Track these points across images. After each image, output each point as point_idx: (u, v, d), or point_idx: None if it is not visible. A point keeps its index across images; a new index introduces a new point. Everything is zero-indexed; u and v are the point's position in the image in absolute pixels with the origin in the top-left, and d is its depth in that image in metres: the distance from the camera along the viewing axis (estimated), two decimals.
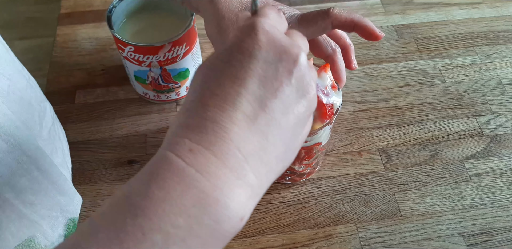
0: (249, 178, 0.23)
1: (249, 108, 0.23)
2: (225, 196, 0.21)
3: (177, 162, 0.21)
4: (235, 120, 0.23)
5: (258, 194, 0.24)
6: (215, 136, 0.22)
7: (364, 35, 0.37)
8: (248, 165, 0.23)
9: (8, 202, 0.33)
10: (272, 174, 0.25)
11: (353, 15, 0.36)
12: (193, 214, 0.20)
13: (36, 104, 0.40)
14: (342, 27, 0.36)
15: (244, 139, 0.23)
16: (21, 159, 0.33)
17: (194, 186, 0.21)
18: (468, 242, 0.43)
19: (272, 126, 0.24)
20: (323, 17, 0.36)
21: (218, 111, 0.23)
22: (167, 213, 0.20)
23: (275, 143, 0.24)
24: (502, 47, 0.59)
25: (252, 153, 0.23)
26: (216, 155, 0.22)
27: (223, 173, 0.22)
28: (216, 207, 0.21)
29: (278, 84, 0.24)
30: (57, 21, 0.63)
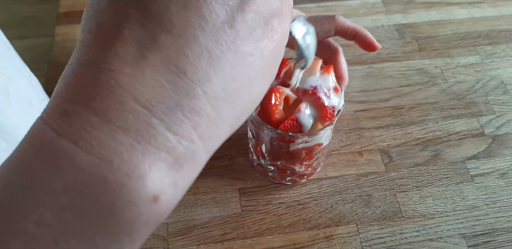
0: (161, 137, 0.15)
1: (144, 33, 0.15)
2: (117, 171, 0.15)
3: (44, 132, 0.15)
4: (125, 57, 0.15)
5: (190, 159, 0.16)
6: (96, 86, 0.15)
7: (363, 44, 0.39)
8: (156, 119, 0.15)
9: None
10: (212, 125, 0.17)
11: (355, 24, 0.38)
12: (66, 205, 0.14)
13: (37, 103, 0.40)
14: (343, 33, 0.38)
15: (144, 81, 0.15)
16: None
17: (67, 164, 0.15)
18: (470, 243, 0.43)
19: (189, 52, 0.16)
20: (329, 22, 0.38)
21: (99, 50, 0.16)
22: (29, 207, 0.14)
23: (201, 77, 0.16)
24: (504, 47, 0.59)
25: (161, 100, 0.15)
26: (99, 113, 0.15)
27: (112, 137, 0.15)
28: (104, 189, 0.15)
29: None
30: (56, 21, 0.62)
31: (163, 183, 0.15)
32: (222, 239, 0.43)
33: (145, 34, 0.15)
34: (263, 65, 0.18)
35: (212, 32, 0.16)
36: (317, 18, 0.38)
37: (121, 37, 0.15)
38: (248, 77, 0.17)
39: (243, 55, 0.17)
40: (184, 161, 0.16)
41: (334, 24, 0.38)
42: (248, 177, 0.47)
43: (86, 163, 0.15)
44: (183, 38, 0.15)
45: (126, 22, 0.15)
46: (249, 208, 0.45)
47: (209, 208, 0.45)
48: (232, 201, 0.46)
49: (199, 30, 0.16)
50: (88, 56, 0.16)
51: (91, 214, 0.15)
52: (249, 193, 0.46)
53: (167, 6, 0.15)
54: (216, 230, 0.44)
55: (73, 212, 0.15)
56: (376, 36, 0.60)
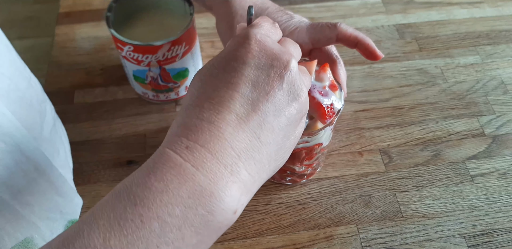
0: (242, 174, 0.25)
1: (242, 110, 0.25)
2: (219, 190, 0.23)
3: (175, 158, 0.23)
4: (229, 121, 0.25)
5: (250, 190, 0.25)
6: (210, 135, 0.24)
7: (364, 53, 0.39)
8: (241, 162, 0.25)
9: (4, 202, 0.33)
10: (264, 172, 0.26)
11: (358, 32, 0.39)
12: (188, 205, 0.22)
13: (37, 105, 0.40)
14: (345, 41, 0.39)
15: (237, 138, 0.25)
16: (19, 160, 0.33)
17: (190, 179, 0.23)
18: (470, 243, 0.43)
19: (264, 127, 0.26)
20: (331, 29, 0.38)
21: (213, 113, 0.25)
22: (165, 203, 0.22)
23: (266, 142, 0.26)
24: (504, 47, 0.59)
25: (244, 151, 0.25)
26: (211, 152, 0.24)
27: (217, 168, 0.24)
28: (211, 199, 0.23)
29: (270, 88, 0.26)
30: (56, 21, 0.62)
31: (239, 203, 0.25)
32: (222, 239, 0.43)
33: (242, 111, 0.25)
34: (294, 141, 0.29)
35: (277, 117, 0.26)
36: (319, 24, 0.39)
37: (228, 109, 0.25)
38: (286, 148, 0.28)
39: (288, 134, 0.27)
40: (248, 191, 0.25)
41: (336, 31, 0.38)
42: None
43: (202, 181, 0.23)
44: (262, 117, 0.26)
45: (232, 100, 0.25)
46: (249, 208, 0.45)
47: None
48: None
49: (271, 115, 0.26)
50: (206, 115, 0.25)
51: (202, 214, 0.23)
52: None
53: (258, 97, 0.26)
54: None
55: (192, 211, 0.23)
56: (376, 36, 0.60)
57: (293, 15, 0.40)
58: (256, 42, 0.27)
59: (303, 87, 0.27)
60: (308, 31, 0.39)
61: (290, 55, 0.27)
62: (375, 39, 0.60)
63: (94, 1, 0.64)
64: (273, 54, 0.27)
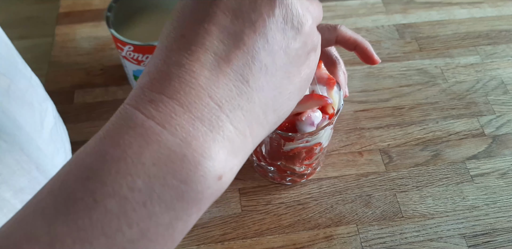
0: (226, 129, 0.19)
1: (221, 47, 0.20)
2: (194, 151, 0.18)
3: (135, 115, 0.19)
4: (205, 62, 0.19)
5: (241, 149, 0.20)
6: (180, 82, 0.19)
7: (362, 56, 0.39)
8: (223, 114, 0.19)
9: (6, 201, 0.33)
10: (259, 125, 0.21)
11: (357, 35, 0.38)
12: (154, 174, 0.18)
13: (38, 104, 0.40)
14: (344, 43, 0.38)
15: (217, 83, 0.19)
16: (20, 159, 0.33)
17: (155, 141, 0.18)
18: (470, 243, 0.43)
19: (253, 67, 0.20)
20: (330, 31, 0.38)
21: (184, 54, 0.20)
22: (123, 174, 0.17)
23: (258, 87, 0.20)
24: (504, 47, 0.59)
25: (228, 99, 0.20)
26: (182, 104, 0.19)
27: (191, 124, 0.19)
28: (183, 165, 0.18)
29: (257, 16, 0.20)
30: (56, 21, 0.62)
31: (226, 166, 0.19)
32: (222, 239, 0.43)
33: (222, 47, 0.20)
34: (300, 84, 0.23)
35: (271, 53, 0.21)
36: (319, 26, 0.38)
37: (203, 47, 0.20)
38: (289, 92, 0.22)
39: (289, 75, 0.22)
40: (238, 151, 0.20)
41: (336, 33, 0.38)
42: (248, 177, 0.47)
43: (171, 142, 0.18)
44: (250, 54, 0.20)
45: (208, 36, 0.20)
46: (249, 208, 0.45)
47: (209, 208, 0.45)
48: (232, 201, 0.46)
49: (263, 50, 0.20)
50: (174, 58, 0.20)
51: (173, 184, 0.18)
52: (249, 193, 0.46)
53: (242, 29, 0.20)
54: (216, 230, 0.44)
55: (159, 181, 0.18)
56: (376, 36, 0.60)
57: None
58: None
59: (306, 13, 0.22)
60: None
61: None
62: (375, 39, 0.60)
63: (94, 1, 0.64)
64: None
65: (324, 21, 0.62)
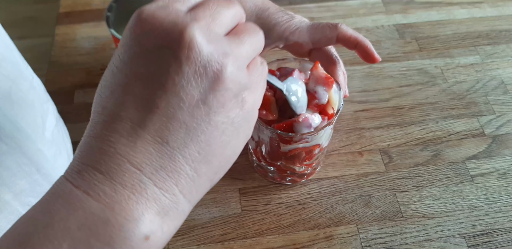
0: (150, 191, 0.20)
1: (136, 114, 0.20)
2: (118, 214, 0.19)
3: (64, 185, 0.20)
4: (121, 131, 0.20)
5: (173, 208, 0.21)
6: (100, 153, 0.20)
7: (362, 55, 0.39)
8: (146, 177, 0.20)
9: (6, 203, 0.33)
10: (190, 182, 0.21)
11: (358, 34, 0.39)
12: (78, 238, 0.19)
13: (39, 106, 0.40)
14: (345, 42, 0.39)
15: (135, 149, 0.20)
16: (21, 161, 0.33)
17: (80, 207, 0.19)
18: (470, 243, 0.43)
19: (170, 127, 0.20)
20: (331, 29, 0.38)
21: (104, 126, 0.21)
22: (50, 239, 0.19)
23: (180, 145, 0.21)
24: (504, 47, 0.59)
25: (148, 163, 0.20)
26: (103, 172, 0.20)
27: (113, 190, 0.20)
28: (106, 228, 0.19)
29: (166, 77, 0.20)
30: (56, 21, 0.62)
31: (153, 226, 0.20)
32: (222, 239, 0.43)
33: (136, 115, 0.20)
34: (235, 129, 0.22)
35: (189, 109, 0.20)
36: (319, 25, 0.39)
37: (119, 118, 0.20)
38: (221, 141, 0.22)
39: (215, 124, 0.21)
40: (168, 210, 0.21)
41: (336, 32, 0.38)
42: (248, 177, 0.47)
43: (94, 207, 0.19)
44: (165, 116, 0.20)
45: (123, 106, 0.21)
46: (249, 208, 0.45)
47: (209, 208, 0.45)
48: (232, 201, 0.46)
49: (178, 109, 0.20)
50: (94, 131, 0.21)
51: (97, 246, 0.19)
52: (249, 193, 0.46)
53: (153, 92, 0.20)
54: (216, 230, 0.44)
55: (84, 245, 0.19)
56: (376, 36, 0.60)
57: (294, 16, 0.40)
58: (140, 20, 0.20)
59: (222, 58, 0.20)
60: (309, 31, 0.39)
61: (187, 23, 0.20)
62: (375, 39, 0.60)
63: (94, 1, 0.64)
64: (162, 30, 0.20)
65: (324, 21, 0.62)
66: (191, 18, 0.20)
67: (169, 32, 0.20)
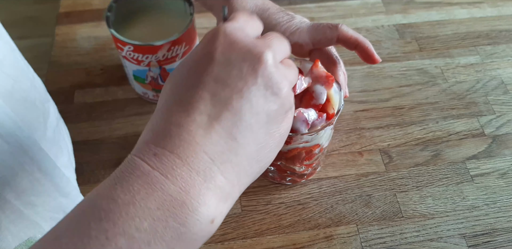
0: (217, 179, 0.23)
1: (213, 110, 0.23)
2: (192, 198, 0.22)
3: (142, 166, 0.22)
4: (200, 123, 0.23)
5: (230, 196, 0.24)
6: (179, 139, 0.23)
7: (362, 55, 0.39)
8: (215, 166, 0.23)
9: (8, 202, 0.33)
10: (245, 175, 0.25)
11: (358, 34, 0.39)
12: (158, 217, 0.21)
13: (40, 105, 0.40)
14: (345, 42, 0.39)
15: (210, 140, 0.23)
16: (23, 160, 0.33)
17: (159, 189, 0.21)
18: (470, 243, 0.43)
19: (240, 126, 0.24)
20: (332, 30, 0.38)
21: (183, 116, 0.23)
22: (132, 216, 0.20)
23: (245, 143, 0.24)
24: (504, 47, 0.59)
25: (219, 154, 0.23)
26: (181, 158, 0.22)
27: (189, 175, 0.22)
28: (182, 210, 0.21)
29: (243, 84, 0.24)
30: (56, 21, 0.62)
31: (217, 211, 0.23)
32: (222, 239, 0.43)
33: (214, 110, 0.23)
34: (280, 139, 0.26)
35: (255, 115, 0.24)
36: (320, 25, 0.39)
37: (198, 110, 0.23)
38: (270, 146, 0.26)
39: (270, 131, 0.25)
40: (228, 197, 0.23)
41: (337, 33, 0.38)
42: None
43: (172, 190, 0.21)
44: (237, 116, 0.24)
45: (202, 100, 0.24)
46: (249, 208, 0.45)
47: None
48: None
49: (248, 112, 0.24)
50: (174, 119, 0.23)
51: (173, 226, 0.21)
52: (249, 193, 0.46)
53: (230, 94, 0.24)
54: (216, 230, 0.44)
55: (162, 223, 0.21)
56: (376, 36, 0.60)
57: (294, 16, 0.40)
58: (225, 37, 0.25)
59: (283, 80, 0.25)
60: (309, 32, 0.39)
61: (265, 48, 0.25)
62: (375, 39, 0.60)
63: (94, 1, 0.64)
64: (244, 47, 0.25)
65: (324, 21, 0.62)
66: (266, 44, 0.25)
67: (250, 50, 0.24)
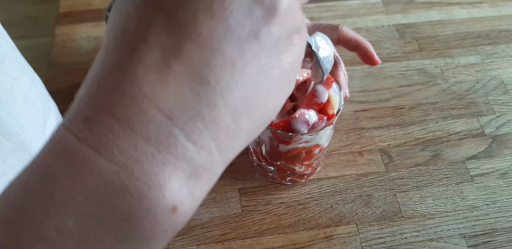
0: (181, 147, 0.15)
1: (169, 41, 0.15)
2: (137, 180, 0.15)
3: (66, 139, 0.15)
4: (148, 64, 0.15)
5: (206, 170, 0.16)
6: (118, 92, 0.15)
7: (362, 57, 0.39)
8: (177, 128, 0.15)
9: None
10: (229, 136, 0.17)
11: (358, 36, 0.38)
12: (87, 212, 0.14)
13: (41, 104, 0.40)
14: (346, 43, 0.38)
15: (166, 89, 0.15)
16: (24, 158, 0.33)
17: (88, 171, 0.15)
18: (470, 243, 0.43)
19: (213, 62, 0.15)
20: (332, 30, 0.38)
21: (125, 54, 0.15)
22: (50, 214, 0.14)
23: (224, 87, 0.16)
24: (504, 47, 0.59)
25: (183, 109, 0.15)
26: (121, 120, 0.15)
27: (134, 145, 0.15)
28: (123, 198, 0.15)
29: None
30: (56, 21, 0.62)
31: (182, 193, 0.15)
32: (222, 239, 0.43)
33: (170, 42, 0.15)
34: (283, 78, 0.18)
35: (237, 43, 0.16)
36: (320, 26, 0.39)
37: (146, 44, 0.15)
38: (267, 90, 0.17)
39: (264, 68, 0.17)
40: (201, 172, 0.16)
41: (337, 33, 0.38)
42: (248, 177, 0.47)
43: (107, 170, 0.15)
44: (208, 47, 0.15)
45: (152, 28, 0.15)
46: (249, 208, 0.45)
47: (209, 208, 0.45)
48: (232, 201, 0.46)
49: (224, 40, 0.16)
50: (111, 62, 0.15)
51: (112, 222, 0.15)
52: (249, 193, 0.46)
53: (194, 14, 0.15)
54: (216, 230, 0.44)
55: (94, 220, 0.15)
56: (376, 36, 0.60)
57: None
58: None
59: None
60: (310, 32, 0.39)
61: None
62: (375, 39, 0.60)
63: (94, 1, 0.64)
64: None
65: (324, 21, 0.62)
66: None
67: None
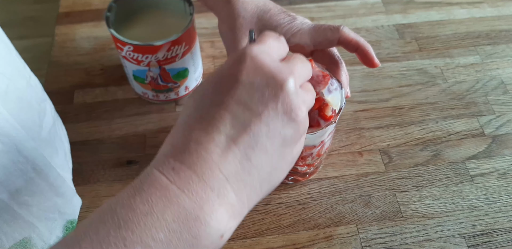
0: (230, 197, 0.24)
1: (232, 131, 0.24)
2: (205, 213, 0.23)
3: (161, 179, 0.23)
4: (218, 142, 0.24)
5: (239, 214, 0.25)
6: (197, 156, 0.24)
7: (362, 59, 0.39)
8: (229, 185, 0.24)
9: (2, 202, 0.33)
10: (255, 195, 0.26)
11: (359, 37, 0.38)
12: (173, 229, 0.22)
13: (36, 104, 0.40)
14: (346, 45, 0.39)
15: (226, 160, 0.24)
16: (17, 160, 0.33)
17: (176, 202, 0.22)
18: (470, 243, 0.43)
19: (256, 148, 0.25)
20: (333, 31, 0.38)
21: (202, 134, 0.24)
22: (149, 227, 0.22)
23: (258, 164, 0.25)
24: (504, 47, 0.59)
25: (234, 173, 0.24)
26: (198, 174, 0.23)
27: (203, 191, 0.23)
28: (196, 223, 0.22)
29: (263, 108, 0.25)
30: (55, 21, 0.62)
31: (227, 226, 0.24)
32: None
33: (232, 131, 0.24)
34: (291, 161, 0.27)
35: (271, 138, 0.25)
36: (321, 27, 0.39)
37: (218, 130, 0.24)
38: (282, 167, 0.27)
39: (283, 154, 0.26)
40: (237, 214, 0.25)
41: (338, 34, 0.38)
42: None
43: (187, 204, 0.23)
44: (254, 138, 0.25)
45: (222, 120, 0.24)
46: None
47: None
48: None
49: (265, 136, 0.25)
50: (193, 136, 0.24)
51: (187, 238, 0.22)
52: None
53: (250, 117, 0.25)
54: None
55: (176, 235, 0.22)
56: (376, 36, 0.60)
57: (295, 17, 0.40)
58: (251, 60, 0.25)
59: (302, 106, 0.26)
60: (310, 33, 0.39)
61: (289, 74, 0.26)
62: (375, 39, 0.60)
63: (93, 1, 0.64)
64: (269, 73, 0.25)
65: (324, 21, 0.62)
66: (289, 70, 0.26)
67: (274, 76, 0.25)
